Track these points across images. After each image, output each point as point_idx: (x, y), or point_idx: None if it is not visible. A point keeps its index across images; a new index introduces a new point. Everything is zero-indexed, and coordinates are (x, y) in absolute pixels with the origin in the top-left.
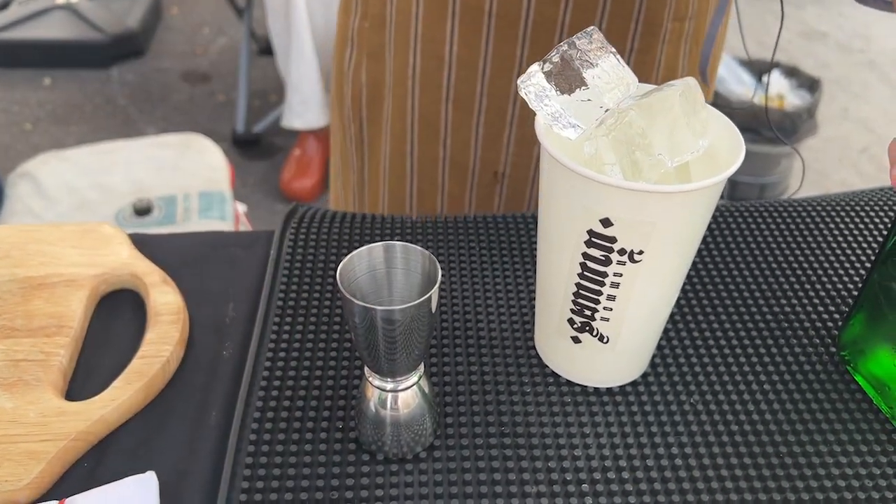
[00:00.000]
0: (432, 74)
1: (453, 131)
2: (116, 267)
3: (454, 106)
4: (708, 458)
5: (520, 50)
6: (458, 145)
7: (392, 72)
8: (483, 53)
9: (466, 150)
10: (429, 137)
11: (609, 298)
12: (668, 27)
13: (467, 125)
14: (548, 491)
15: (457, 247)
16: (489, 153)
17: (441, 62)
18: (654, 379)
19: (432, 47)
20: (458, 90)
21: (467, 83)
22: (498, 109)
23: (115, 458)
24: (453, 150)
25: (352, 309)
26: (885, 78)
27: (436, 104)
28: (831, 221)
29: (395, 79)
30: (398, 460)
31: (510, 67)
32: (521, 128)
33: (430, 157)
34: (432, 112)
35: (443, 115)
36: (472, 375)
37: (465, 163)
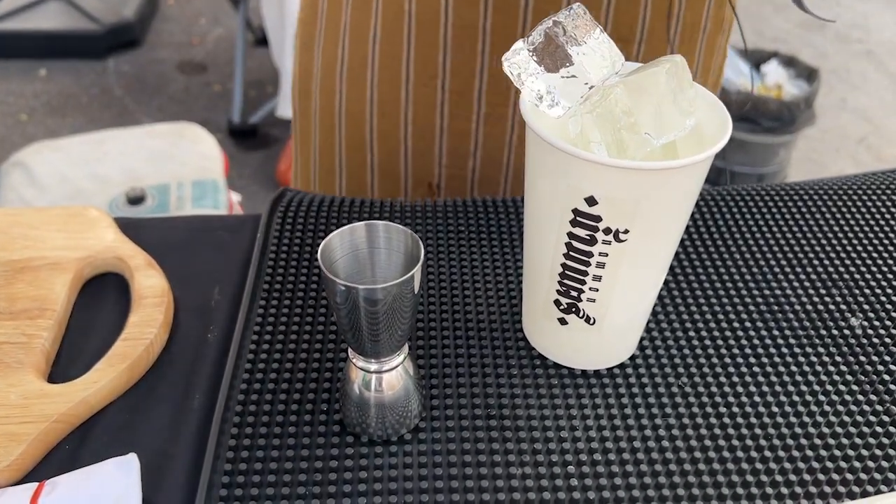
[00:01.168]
0: (358, 72)
1: (380, 139)
2: (101, 250)
3: (379, 111)
4: (696, 439)
5: (441, 55)
6: (386, 154)
7: (321, 65)
8: (405, 56)
9: (395, 159)
10: (356, 142)
11: (595, 279)
12: (708, 27)
13: (394, 135)
14: (533, 472)
15: (445, 230)
16: (420, 164)
17: (365, 60)
18: (641, 361)
19: (358, 44)
20: (381, 94)
21: (391, 86)
22: (425, 120)
23: (98, 440)
24: (381, 158)
25: (333, 289)
26: (883, 68)
27: (361, 105)
28: (823, 205)
29: (324, 72)
30: (383, 442)
31: (433, 75)
32: (452, 140)
33: (357, 162)
34: (358, 114)
35: (368, 120)
36: (458, 358)
37: (395, 172)
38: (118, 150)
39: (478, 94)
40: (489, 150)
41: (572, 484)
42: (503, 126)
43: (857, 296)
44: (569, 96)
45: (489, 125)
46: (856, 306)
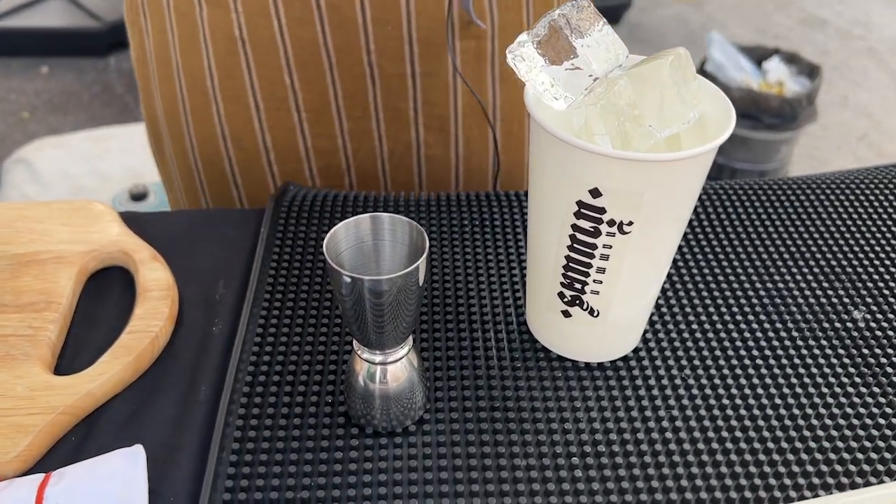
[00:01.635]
0: (203, 110)
1: (242, 173)
2: (106, 244)
3: (235, 146)
4: (699, 431)
5: (287, 77)
6: (253, 186)
7: (163, 108)
8: (249, 85)
9: (263, 189)
10: (217, 179)
11: (599, 271)
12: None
13: (257, 165)
14: (537, 464)
15: (449, 223)
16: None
17: (207, 97)
18: (645, 354)
19: (194, 81)
20: (233, 129)
21: (242, 118)
22: (287, 143)
23: (103, 432)
24: (248, 191)
25: (339, 280)
26: (885, 65)
27: (214, 144)
28: (825, 200)
29: (168, 115)
30: (387, 434)
31: (283, 98)
32: (320, 159)
33: (225, 201)
34: (213, 153)
35: (225, 156)
36: (462, 350)
37: (265, 201)
38: (120, 146)
39: (336, 111)
40: (362, 164)
41: (576, 476)
42: (370, 141)
43: (859, 289)
44: (573, 88)
45: (355, 140)
46: (858, 299)
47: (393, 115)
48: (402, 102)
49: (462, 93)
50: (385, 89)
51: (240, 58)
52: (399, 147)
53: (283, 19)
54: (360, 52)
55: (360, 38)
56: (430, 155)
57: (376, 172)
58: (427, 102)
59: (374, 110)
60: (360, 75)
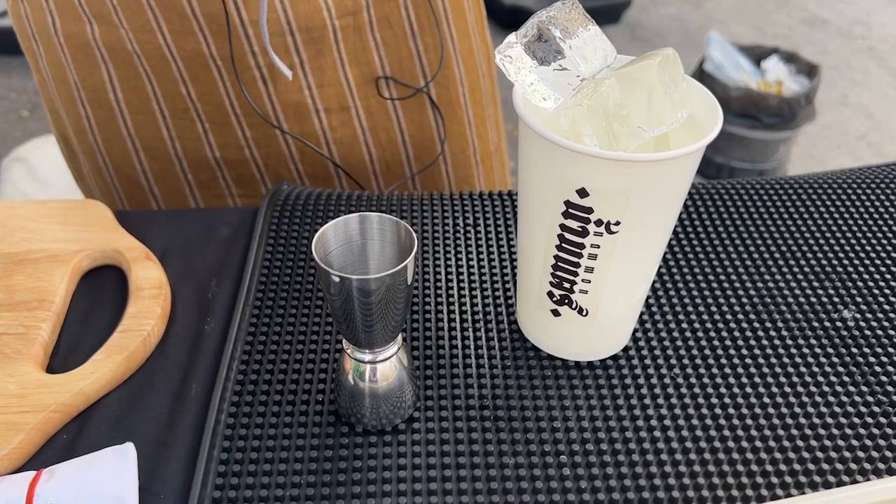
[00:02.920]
0: (109, 124)
1: (159, 183)
2: (99, 243)
3: (147, 155)
4: (687, 430)
5: (183, 87)
6: (170, 196)
7: (71, 126)
8: (152, 94)
9: (182, 198)
10: (135, 193)
11: (587, 270)
12: (337, 25)
13: (172, 174)
14: (526, 462)
15: (441, 223)
16: (210, 197)
17: (112, 112)
18: (634, 353)
19: (97, 97)
20: (143, 140)
21: (151, 128)
22: (197, 154)
23: (95, 430)
24: (167, 201)
25: (327, 280)
26: (885, 65)
27: (128, 160)
28: (817, 199)
29: (76, 133)
30: (377, 432)
31: (184, 108)
32: (232, 170)
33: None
34: (128, 168)
35: (139, 169)
36: (452, 349)
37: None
38: None
39: (236, 120)
40: (275, 169)
41: (564, 474)
42: (277, 144)
43: (849, 288)
44: (561, 89)
45: (262, 147)
46: (848, 298)
47: (294, 111)
48: (299, 95)
49: (350, 66)
50: (280, 86)
51: (139, 70)
52: (309, 139)
53: (167, 33)
54: (246, 56)
55: (243, 41)
56: (337, 138)
57: (291, 174)
58: (321, 85)
59: (273, 111)
60: (252, 79)
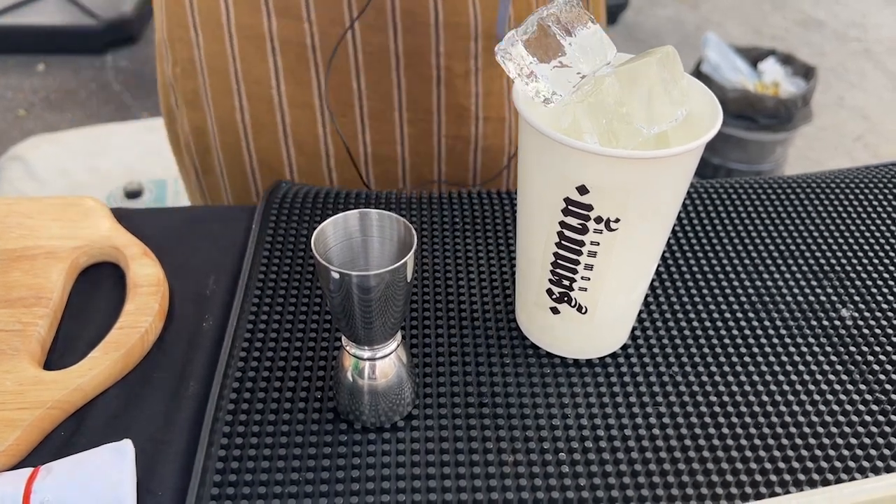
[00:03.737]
0: (263, 116)
1: (301, 178)
2: (97, 239)
3: (297, 150)
4: (686, 428)
5: (355, 81)
6: None
7: (215, 119)
8: (316, 90)
9: None
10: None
11: (587, 268)
12: None
13: (317, 169)
14: (525, 460)
15: (440, 220)
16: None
17: (270, 104)
18: (633, 351)
19: (258, 88)
20: (296, 133)
21: (303, 126)
22: (346, 156)
23: (93, 426)
24: None
25: (327, 276)
26: (881, 66)
27: (275, 149)
28: (815, 199)
29: (220, 126)
30: (376, 429)
31: (347, 102)
32: (378, 165)
33: None
34: (274, 158)
35: (285, 159)
36: (451, 346)
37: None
38: (116, 144)
39: (398, 116)
40: (417, 167)
41: (563, 471)
42: (429, 141)
43: (847, 287)
44: (561, 86)
45: (413, 144)
46: (846, 297)
47: (457, 114)
48: (466, 100)
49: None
50: (449, 89)
51: (310, 64)
52: (459, 143)
53: (357, 26)
54: (429, 54)
55: (431, 41)
56: (486, 146)
57: (432, 174)
58: (488, 94)
59: (437, 111)
60: (427, 78)
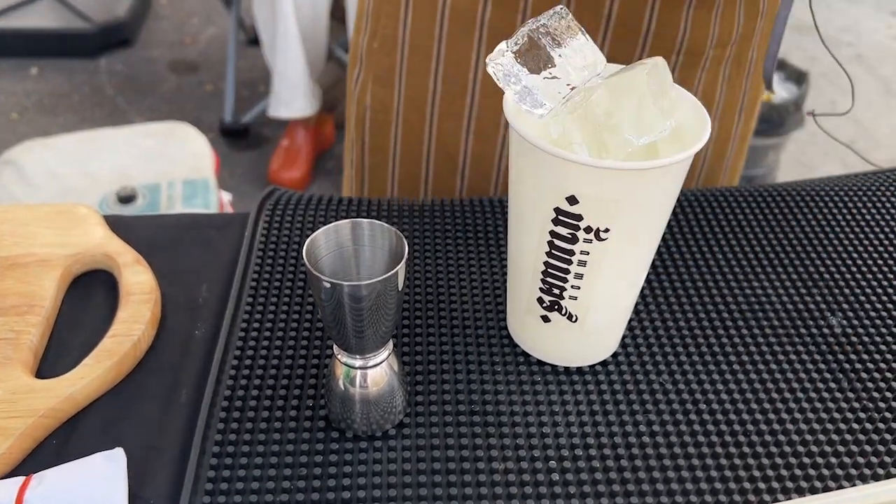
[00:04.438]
0: (454, 101)
1: (472, 163)
2: (90, 247)
3: (476, 137)
4: (676, 436)
5: None
6: (477, 177)
7: (404, 97)
8: None
9: (486, 181)
10: (446, 167)
11: (577, 277)
12: (710, 54)
13: (489, 157)
14: (516, 468)
15: (431, 229)
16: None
17: (464, 89)
18: (624, 359)
19: (455, 71)
20: (480, 120)
21: (491, 112)
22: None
23: (85, 435)
24: (471, 181)
25: (318, 286)
26: (873, 72)
27: (456, 133)
28: (805, 206)
29: (408, 104)
30: (367, 438)
31: None
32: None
33: (445, 189)
34: (452, 142)
35: (462, 145)
36: (443, 354)
37: (485, 194)
38: (109, 148)
39: None
40: None
41: (554, 479)
42: None
43: (836, 295)
44: (551, 97)
45: None
46: (835, 306)
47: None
48: None
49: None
50: None
51: None
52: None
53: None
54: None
55: (636, 51)
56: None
57: None
58: None
59: None
60: None
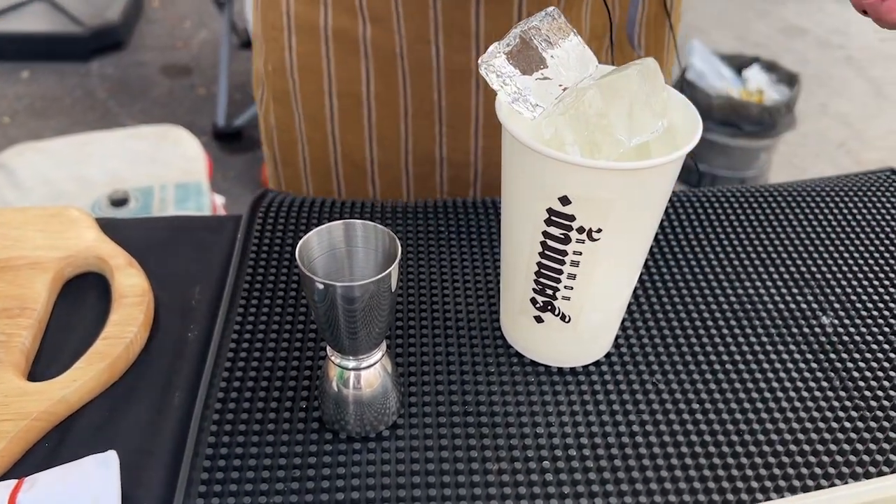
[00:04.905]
0: (353, 115)
1: (381, 170)
2: (82, 250)
3: (379, 146)
4: (669, 435)
5: (436, 94)
6: (387, 184)
7: (303, 117)
8: (402, 93)
9: (398, 188)
10: (356, 177)
11: (570, 277)
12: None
13: (394, 164)
14: (509, 468)
15: (425, 230)
16: (422, 192)
17: (360, 102)
18: (617, 359)
19: (349, 88)
20: (380, 129)
21: (389, 121)
22: (424, 150)
23: (78, 438)
24: (382, 188)
25: (311, 287)
26: (864, 74)
27: (359, 144)
28: (797, 206)
29: (308, 123)
30: (361, 439)
31: (429, 111)
32: (452, 169)
33: (358, 196)
34: (357, 153)
35: (367, 154)
36: (437, 356)
37: (398, 198)
38: (102, 152)
39: (474, 130)
40: (489, 179)
41: (548, 479)
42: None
43: (827, 294)
44: (543, 98)
45: (487, 157)
46: (826, 305)
47: None
48: None
49: None
50: None
51: (398, 70)
52: None
53: (441, 46)
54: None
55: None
56: None
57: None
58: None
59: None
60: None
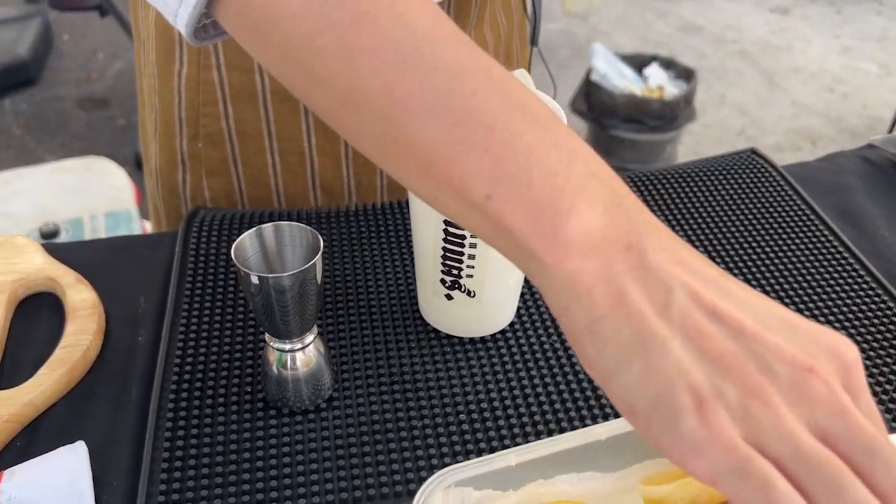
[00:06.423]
0: (295, 170)
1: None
2: (32, 272)
3: (323, 193)
4: (567, 393)
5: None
6: (290, 197)
7: (245, 179)
8: (343, 142)
9: (305, 199)
10: (261, 192)
11: (470, 258)
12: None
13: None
14: (431, 424)
15: (348, 232)
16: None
17: (303, 156)
18: (519, 327)
19: (291, 146)
20: (323, 178)
21: (332, 170)
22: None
23: (47, 435)
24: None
25: (248, 281)
26: (757, 65)
27: (304, 194)
28: (671, 188)
29: (250, 183)
30: (302, 412)
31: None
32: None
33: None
34: (302, 203)
35: (313, 203)
36: (364, 336)
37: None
38: (26, 187)
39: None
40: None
41: (466, 436)
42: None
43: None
44: None
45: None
46: None
47: None
48: None
49: None
50: None
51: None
52: None
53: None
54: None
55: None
56: None
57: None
58: None
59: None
60: None
